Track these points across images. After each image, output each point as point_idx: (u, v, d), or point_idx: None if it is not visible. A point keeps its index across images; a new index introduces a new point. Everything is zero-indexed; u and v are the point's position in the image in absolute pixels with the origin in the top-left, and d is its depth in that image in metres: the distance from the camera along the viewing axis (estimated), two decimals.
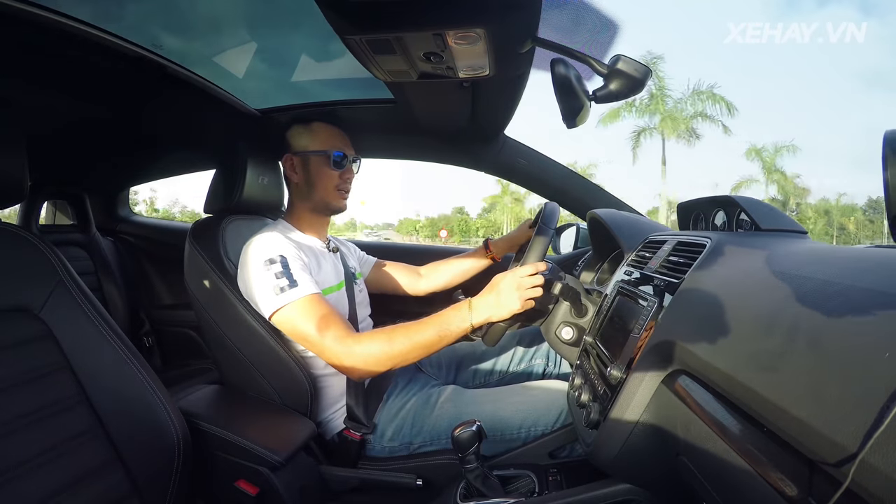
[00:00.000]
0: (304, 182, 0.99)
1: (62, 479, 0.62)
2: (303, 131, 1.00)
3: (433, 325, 0.80)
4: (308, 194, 0.99)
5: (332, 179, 0.98)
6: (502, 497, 0.71)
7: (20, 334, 0.65)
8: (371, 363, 0.80)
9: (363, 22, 0.59)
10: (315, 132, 1.00)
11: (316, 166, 0.98)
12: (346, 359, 0.81)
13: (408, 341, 0.80)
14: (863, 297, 0.32)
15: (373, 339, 0.81)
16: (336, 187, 0.99)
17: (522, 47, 0.67)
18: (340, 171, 0.99)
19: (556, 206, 0.96)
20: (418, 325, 0.81)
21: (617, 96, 0.62)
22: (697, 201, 0.91)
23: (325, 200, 1.00)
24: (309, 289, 0.84)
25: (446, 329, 0.80)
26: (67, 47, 0.86)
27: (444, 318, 0.81)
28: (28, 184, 0.69)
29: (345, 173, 1.00)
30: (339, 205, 1.02)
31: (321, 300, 0.85)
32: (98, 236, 1.85)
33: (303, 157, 0.98)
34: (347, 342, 0.81)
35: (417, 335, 0.80)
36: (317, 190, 0.98)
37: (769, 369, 0.34)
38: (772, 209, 0.73)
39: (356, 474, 0.87)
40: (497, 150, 1.32)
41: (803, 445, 0.30)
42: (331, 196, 1.00)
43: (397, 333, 0.81)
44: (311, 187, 0.99)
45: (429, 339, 0.80)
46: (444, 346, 0.81)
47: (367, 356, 0.80)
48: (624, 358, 0.58)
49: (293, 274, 0.84)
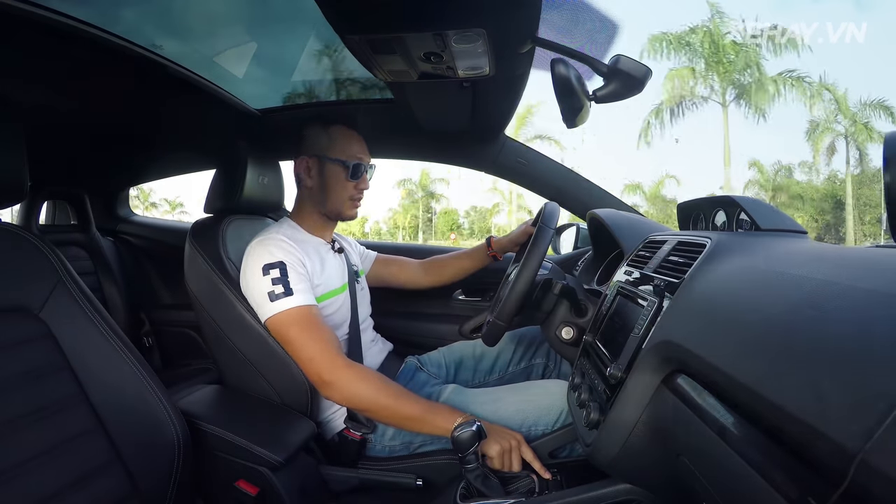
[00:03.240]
0: (317, 187, 0.98)
1: (62, 478, 0.62)
2: (321, 133, 0.98)
3: (424, 405, 0.82)
4: (321, 200, 0.99)
5: (347, 190, 0.98)
6: (502, 497, 0.71)
7: (20, 334, 0.65)
8: (352, 389, 0.82)
9: (363, 22, 0.59)
10: (333, 137, 0.98)
11: (332, 174, 0.97)
12: (328, 373, 0.82)
13: (395, 400, 0.81)
14: (863, 298, 0.32)
15: (366, 373, 0.84)
16: (350, 197, 0.99)
17: (522, 47, 0.67)
18: (356, 182, 0.98)
19: (556, 206, 0.96)
20: (411, 395, 0.83)
21: (617, 96, 0.62)
22: (697, 201, 0.91)
23: (337, 209, 0.99)
24: (304, 299, 0.84)
25: (432, 417, 0.80)
26: (68, 47, 0.86)
27: (436, 407, 0.83)
28: (28, 184, 0.69)
29: (360, 183, 0.99)
30: (350, 214, 1.01)
31: (314, 313, 0.85)
32: (98, 236, 1.85)
33: (319, 162, 0.97)
34: (338, 361, 0.83)
35: (406, 399, 0.82)
36: (330, 198, 0.98)
37: (769, 369, 0.34)
38: (772, 209, 0.73)
39: (356, 474, 0.87)
40: (497, 150, 1.32)
41: (803, 445, 0.30)
42: (344, 206, 0.99)
43: (392, 385, 0.84)
44: (325, 194, 0.98)
45: (412, 412, 0.81)
46: (419, 428, 0.82)
47: (352, 383, 0.82)
48: (624, 358, 0.58)
49: (290, 282, 0.85)
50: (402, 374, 1.04)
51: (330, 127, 0.98)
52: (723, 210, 0.82)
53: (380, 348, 1.10)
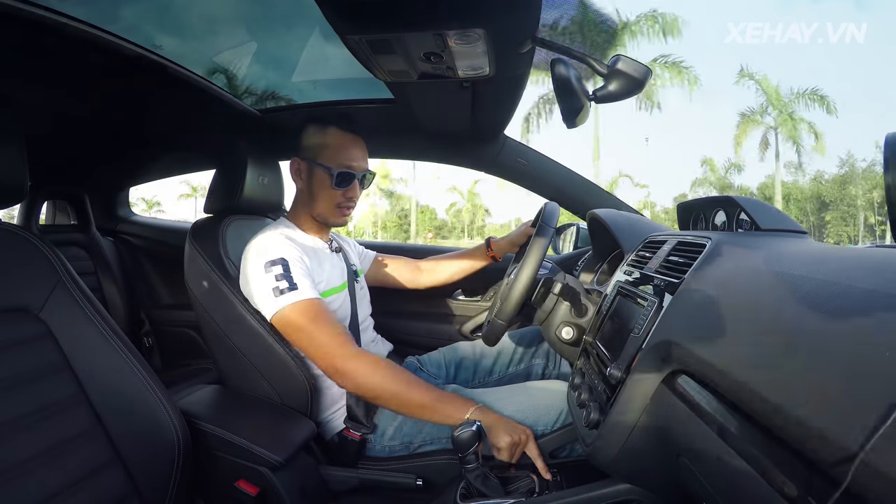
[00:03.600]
0: (306, 190, 0.97)
1: (62, 479, 0.62)
2: (316, 134, 0.96)
3: (435, 393, 0.82)
4: (309, 203, 0.98)
5: (333, 198, 0.95)
6: (502, 497, 0.71)
7: (20, 334, 0.65)
8: (365, 377, 0.81)
9: (363, 22, 0.59)
10: (328, 141, 0.95)
11: (318, 180, 0.95)
12: (341, 361, 0.81)
13: (407, 387, 0.81)
14: (863, 298, 0.32)
15: (377, 360, 0.84)
16: (337, 205, 0.96)
17: (522, 47, 0.67)
18: (343, 190, 0.95)
19: (556, 206, 0.96)
20: (423, 383, 0.83)
21: (617, 96, 0.62)
22: (697, 201, 0.91)
23: (324, 215, 0.98)
24: (308, 293, 0.84)
25: (442, 406, 0.80)
26: (68, 47, 0.86)
27: (447, 396, 0.82)
28: (28, 184, 0.69)
29: (348, 191, 0.96)
30: (337, 221, 0.99)
31: (321, 305, 0.85)
32: (98, 236, 1.85)
33: (309, 165, 0.95)
34: (349, 349, 0.83)
35: (418, 387, 0.82)
36: (317, 203, 0.96)
37: (769, 369, 0.34)
38: (772, 209, 0.73)
39: (356, 474, 0.87)
40: (497, 150, 1.32)
41: (803, 445, 0.30)
42: (329, 213, 0.97)
43: (403, 372, 0.84)
44: (312, 199, 0.97)
45: (422, 399, 0.81)
46: (429, 416, 0.82)
47: (364, 370, 0.81)
48: (624, 358, 0.58)
49: (293, 277, 0.85)
50: None
51: (327, 129, 0.96)
52: (723, 210, 0.82)
53: (380, 348, 1.10)
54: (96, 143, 1.58)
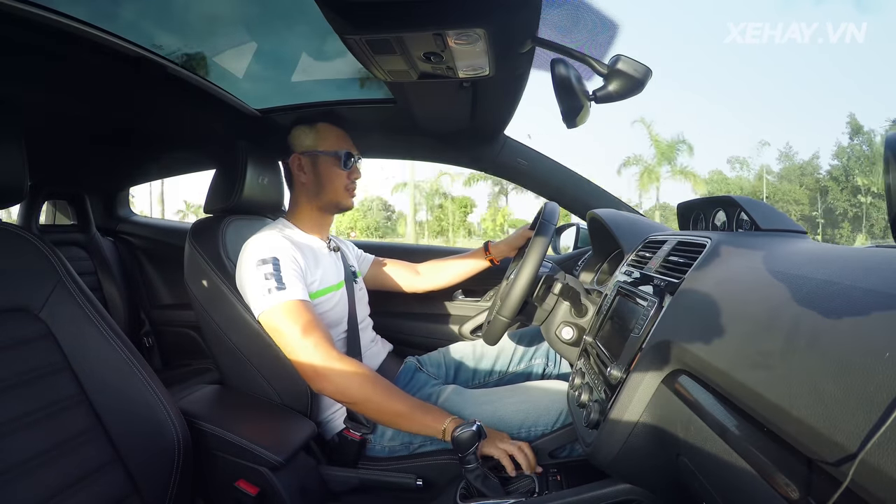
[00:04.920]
0: (312, 182, 1.00)
1: (62, 479, 0.62)
2: (308, 131, 1.01)
3: (414, 403, 0.83)
4: (317, 194, 1.00)
5: (341, 179, 1.00)
6: (502, 497, 0.71)
7: (20, 334, 0.65)
8: (343, 382, 0.82)
9: (363, 22, 0.59)
10: (321, 133, 1.01)
11: (326, 166, 0.99)
12: (321, 365, 0.82)
13: (385, 395, 0.82)
14: (863, 298, 0.32)
15: (357, 367, 0.84)
16: (345, 187, 1.01)
17: (522, 47, 0.67)
18: (349, 171, 1.01)
19: (556, 206, 0.96)
20: (402, 392, 0.84)
21: (617, 96, 0.61)
22: (697, 201, 0.91)
23: (334, 200, 1.01)
24: (296, 294, 0.85)
25: (421, 415, 0.81)
26: (67, 47, 0.86)
27: (426, 406, 0.83)
28: (28, 184, 0.69)
29: (352, 173, 1.02)
30: (347, 203, 1.03)
31: (307, 307, 0.86)
32: (98, 236, 1.85)
33: (312, 157, 0.99)
34: (331, 353, 0.83)
35: (397, 396, 0.83)
36: (326, 190, 0.99)
37: (769, 369, 0.34)
38: (772, 209, 0.73)
39: (356, 474, 0.87)
40: (497, 150, 1.32)
41: (803, 445, 0.30)
42: (340, 195, 1.01)
43: (382, 381, 0.84)
44: (321, 187, 0.99)
45: (399, 408, 0.81)
46: (406, 425, 0.83)
47: (343, 375, 0.81)
48: (624, 358, 0.58)
49: (283, 277, 0.85)
50: (401, 375, 1.04)
51: (316, 125, 1.01)
52: (723, 210, 0.82)
53: (379, 348, 1.10)
54: (96, 143, 1.58)
